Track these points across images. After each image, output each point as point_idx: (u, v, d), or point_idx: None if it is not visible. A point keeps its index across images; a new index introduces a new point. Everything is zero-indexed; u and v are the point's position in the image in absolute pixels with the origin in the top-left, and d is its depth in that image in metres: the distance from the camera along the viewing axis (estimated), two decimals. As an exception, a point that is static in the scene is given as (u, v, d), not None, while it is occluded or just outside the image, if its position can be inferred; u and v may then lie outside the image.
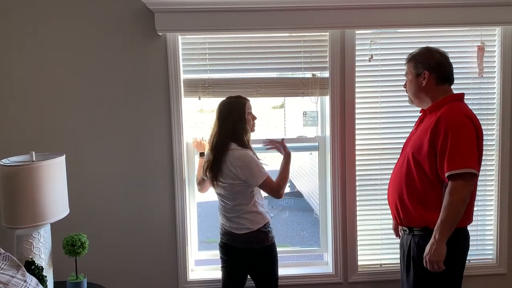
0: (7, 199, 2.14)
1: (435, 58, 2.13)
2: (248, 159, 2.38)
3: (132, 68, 2.75)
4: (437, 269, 1.98)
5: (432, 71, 2.11)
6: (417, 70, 2.15)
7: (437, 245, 1.96)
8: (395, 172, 2.26)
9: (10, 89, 2.72)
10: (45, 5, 2.67)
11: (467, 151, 1.94)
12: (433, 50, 2.18)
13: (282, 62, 2.83)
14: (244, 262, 2.50)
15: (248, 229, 2.42)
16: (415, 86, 2.17)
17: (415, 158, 2.08)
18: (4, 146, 2.69)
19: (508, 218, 2.96)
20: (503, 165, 2.92)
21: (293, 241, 7.30)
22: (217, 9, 2.63)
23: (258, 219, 2.44)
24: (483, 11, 2.71)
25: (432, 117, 2.07)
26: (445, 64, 2.14)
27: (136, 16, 2.70)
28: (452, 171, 1.93)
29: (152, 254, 2.87)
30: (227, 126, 2.41)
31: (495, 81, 2.89)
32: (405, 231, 2.20)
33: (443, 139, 1.96)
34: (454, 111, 2.02)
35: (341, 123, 2.84)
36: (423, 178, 2.06)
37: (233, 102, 2.46)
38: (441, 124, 1.98)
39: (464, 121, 1.98)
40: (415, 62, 2.17)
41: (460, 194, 1.93)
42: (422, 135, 2.08)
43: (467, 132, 1.96)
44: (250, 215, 2.42)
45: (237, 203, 2.42)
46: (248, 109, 2.47)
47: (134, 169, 2.81)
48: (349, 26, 2.73)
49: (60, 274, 2.54)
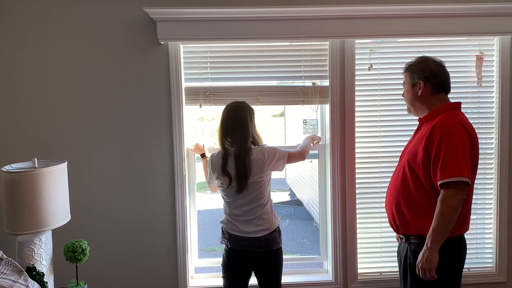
0: (9, 205, 2.15)
1: (430, 68, 2.14)
2: (267, 148, 2.48)
3: (134, 76, 2.77)
4: (429, 277, 1.98)
5: (427, 81, 2.13)
6: (413, 80, 2.17)
7: (429, 253, 1.96)
8: (392, 180, 2.28)
9: (13, 96, 2.74)
10: (48, 13, 2.71)
11: (460, 160, 1.94)
12: (429, 59, 2.19)
13: (282, 70, 2.86)
14: (255, 265, 2.51)
15: (268, 230, 2.45)
16: (411, 96, 2.19)
17: (411, 166, 2.10)
18: (7, 152, 2.71)
19: (507, 227, 2.97)
20: (502, 173, 2.94)
21: (293, 249, 7.29)
22: (219, 18, 2.66)
23: (274, 218, 2.50)
24: (481, 21, 2.75)
25: (428, 126, 2.08)
26: (440, 73, 2.15)
27: (138, 25, 2.73)
28: (444, 179, 1.94)
29: (153, 261, 2.87)
30: (246, 128, 2.44)
31: (494, 90, 2.92)
32: (402, 239, 2.21)
33: (437, 147, 1.97)
34: (449, 120, 2.03)
35: (341, 131, 2.86)
36: (418, 186, 2.08)
37: (246, 106, 2.50)
38: (435, 132, 1.99)
39: (458, 130, 1.98)
40: (411, 72, 2.19)
41: (451, 202, 1.94)
42: (418, 143, 2.09)
43: (461, 141, 1.97)
44: (268, 215, 2.47)
45: (259, 204, 2.44)
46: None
47: (135, 176, 2.82)
48: (349, 36, 2.76)
49: (61, 280, 2.55)
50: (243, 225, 2.47)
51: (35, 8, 2.70)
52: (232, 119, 2.46)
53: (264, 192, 2.47)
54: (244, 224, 2.47)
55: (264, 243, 2.45)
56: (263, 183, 2.46)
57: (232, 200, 2.48)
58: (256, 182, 2.43)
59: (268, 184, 2.51)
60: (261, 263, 2.49)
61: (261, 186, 2.45)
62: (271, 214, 2.50)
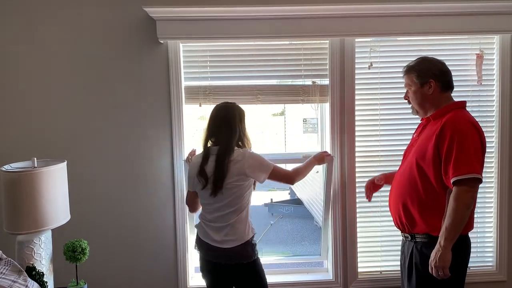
0: (9, 205, 2.15)
1: (438, 67, 2.15)
2: (250, 153, 2.31)
3: (134, 75, 2.77)
4: (442, 275, 1.97)
5: (437, 80, 2.13)
6: (422, 80, 2.15)
7: (443, 251, 1.95)
8: (397, 179, 2.26)
9: (13, 96, 2.74)
10: (47, 13, 2.70)
11: (472, 157, 1.95)
12: (432, 59, 2.20)
13: (282, 69, 2.85)
14: (230, 278, 2.36)
15: (238, 242, 2.27)
16: (421, 96, 2.17)
17: (419, 164, 2.09)
18: (6, 152, 2.70)
19: (507, 225, 2.97)
20: (502, 172, 2.93)
21: (293, 248, 7.30)
22: (218, 17, 2.65)
23: (248, 229, 2.31)
24: (481, 19, 2.74)
25: (436, 124, 2.08)
26: (447, 72, 2.17)
27: (138, 24, 2.73)
28: (458, 176, 1.93)
29: (153, 261, 2.87)
30: (233, 128, 2.30)
31: (494, 88, 2.91)
32: (407, 238, 2.20)
33: (449, 144, 1.97)
34: (460, 118, 2.04)
35: (341, 130, 2.85)
36: (426, 184, 2.07)
37: (237, 107, 2.38)
38: (446, 130, 1.99)
39: (469, 127, 2.00)
40: (417, 72, 2.17)
41: (464, 200, 1.94)
42: (426, 141, 2.09)
43: (473, 138, 1.98)
44: (242, 225, 2.29)
45: (234, 210, 2.27)
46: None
47: (135, 175, 2.82)
48: (348, 34, 2.75)
49: (60, 280, 2.54)
50: (214, 233, 2.30)
51: (35, 8, 2.69)
52: (219, 117, 2.34)
53: (242, 198, 2.28)
54: (215, 231, 2.30)
55: (234, 255, 2.28)
56: (242, 188, 2.27)
57: (207, 203, 2.33)
58: (234, 186, 2.25)
59: (248, 191, 2.32)
60: (236, 276, 2.34)
61: (239, 191, 2.26)
62: (246, 224, 2.31)
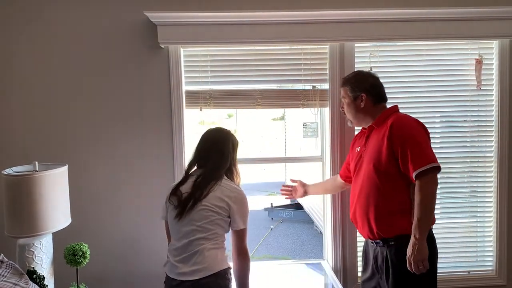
0: (10, 208, 2.16)
1: (370, 81, 2.28)
2: (244, 196, 2.05)
3: (135, 79, 2.78)
4: (422, 268, 1.99)
5: (369, 93, 2.25)
6: (355, 93, 2.27)
7: (419, 243, 1.98)
8: (356, 193, 2.27)
9: (14, 100, 2.75)
10: (49, 17, 2.72)
11: (425, 149, 2.04)
12: (365, 73, 2.35)
13: (282, 74, 2.87)
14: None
15: (208, 271, 1.91)
16: (354, 108, 2.29)
17: (378, 169, 2.13)
18: (8, 156, 2.72)
19: (507, 230, 2.97)
20: (501, 177, 2.94)
21: (293, 253, 7.29)
22: (219, 22, 2.67)
23: (223, 259, 1.98)
24: (480, 24, 2.76)
25: (382, 128, 2.16)
26: (379, 85, 2.29)
27: (139, 29, 2.75)
28: (419, 169, 1.99)
29: (153, 265, 2.86)
30: (225, 155, 2.08)
31: (493, 93, 2.92)
32: (378, 244, 2.20)
33: (402, 143, 2.04)
34: (403, 118, 2.14)
35: (340, 135, 2.86)
36: (390, 185, 2.11)
37: (231, 134, 2.18)
38: (395, 130, 2.07)
39: (414, 124, 2.12)
40: (350, 86, 2.29)
41: (429, 189, 2.00)
42: (378, 146, 2.14)
43: (420, 132, 2.09)
44: (214, 252, 1.95)
45: (206, 236, 1.94)
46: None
47: (135, 179, 2.83)
48: (348, 39, 2.77)
49: (61, 283, 2.55)
50: (181, 264, 1.95)
51: (37, 11, 2.71)
52: (211, 140, 2.12)
53: (216, 225, 1.96)
54: (182, 262, 1.95)
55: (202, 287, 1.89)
56: (218, 217, 1.96)
57: (176, 230, 2.01)
58: (210, 210, 1.95)
59: (224, 224, 1.99)
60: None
61: (214, 218, 1.95)
62: (220, 253, 1.97)
